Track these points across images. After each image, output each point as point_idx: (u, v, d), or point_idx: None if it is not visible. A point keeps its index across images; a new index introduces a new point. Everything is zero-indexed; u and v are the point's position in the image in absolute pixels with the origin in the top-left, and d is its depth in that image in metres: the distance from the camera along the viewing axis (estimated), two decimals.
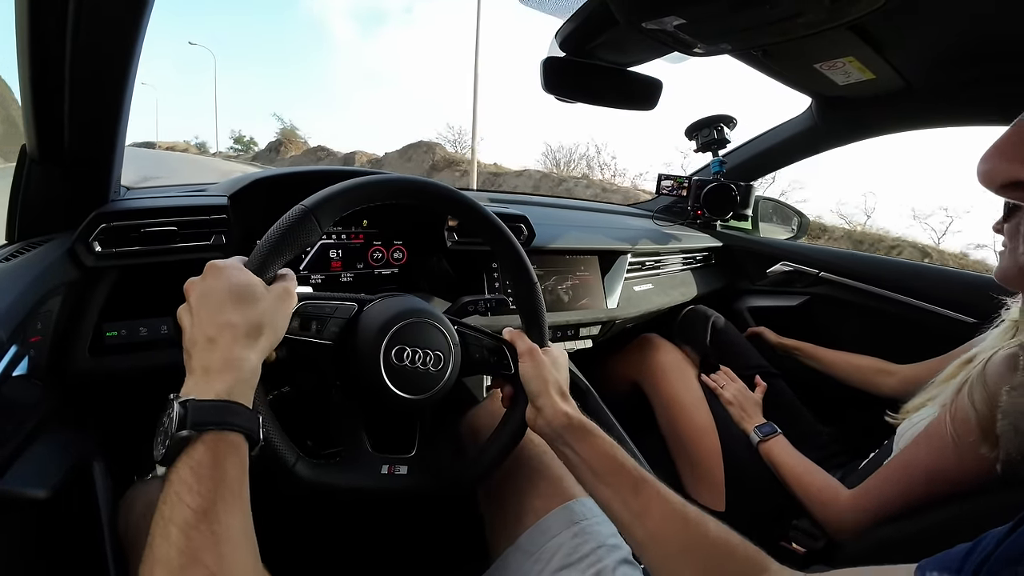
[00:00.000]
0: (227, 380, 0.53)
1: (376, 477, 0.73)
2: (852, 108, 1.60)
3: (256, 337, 0.57)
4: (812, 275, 1.82)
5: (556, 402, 0.75)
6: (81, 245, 0.80)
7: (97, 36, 0.67)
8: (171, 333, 0.88)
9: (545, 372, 0.78)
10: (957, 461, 0.81)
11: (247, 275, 0.60)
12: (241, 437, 0.53)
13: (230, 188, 0.97)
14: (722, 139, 1.94)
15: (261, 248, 0.62)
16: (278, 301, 0.61)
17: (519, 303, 0.85)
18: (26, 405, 0.72)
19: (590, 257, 1.49)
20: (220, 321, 0.56)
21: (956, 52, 1.17)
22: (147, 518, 0.71)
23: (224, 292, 0.57)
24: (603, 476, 0.69)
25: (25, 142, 0.80)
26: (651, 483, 0.66)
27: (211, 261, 0.60)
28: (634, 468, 0.68)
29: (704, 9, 0.93)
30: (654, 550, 0.64)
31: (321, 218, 0.65)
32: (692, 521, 0.63)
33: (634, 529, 0.65)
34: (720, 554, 0.61)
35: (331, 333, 0.71)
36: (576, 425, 0.73)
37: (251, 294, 0.58)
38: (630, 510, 0.66)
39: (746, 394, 1.41)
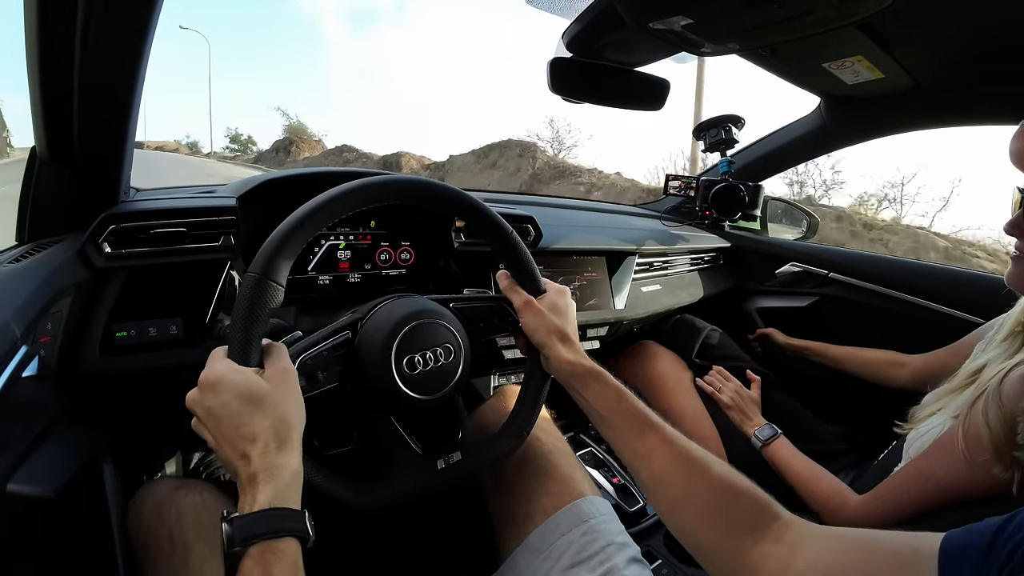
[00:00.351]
0: (268, 490, 0.54)
1: (437, 474, 0.75)
2: (861, 107, 1.59)
3: (285, 435, 0.57)
4: (821, 276, 1.81)
5: (560, 351, 0.76)
6: (91, 246, 0.81)
7: (106, 37, 0.67)
8: (180, 333, 0.88)
9: (545, 322, 0.78)
10: (969, 477, 0.80)
11: (243, 375, 0.58)
12: (289, 540, 0.53)
13: (239, 189, 0.98)
14: (730, 139, 1.93)
15: (235, 336, 0.61)
16: (282, 384, 0.60)
17: (504, 260, 0.84)
18: (36, 405, 0.72)
19: (597, 258, 1.49)
20: (244, 435, 0.56)
21: (965, 51, 1.16)
22: (156, 518, 0.71)
23: (233, 405, 0.57)
24: (608, 420, 0.71)
25: (35, 144, 0.81)
26: (657, 427, 0.68)
27: (202, 374, 0.59)
28: (639, 413, 0.69)
29: (712, 9, 0.93)
30: (658, 492, 0.66)
31: (276, 275, 0.62)
32: (696, 464, 0.64)
33: (640, 471, 0.68)
34: (725, 498, 0.62)
35: (337, 372, 0.71)
36: (580, 372, 0.74)
37: (257, 394, 0.57)
38: (635, 453, 0.68)
39: (743, 393, 1.41)
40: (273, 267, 0.62)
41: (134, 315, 0.86)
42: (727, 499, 0.62)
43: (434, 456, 0.75)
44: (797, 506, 1.11)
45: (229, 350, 0.61)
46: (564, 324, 0.79)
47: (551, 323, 0.78)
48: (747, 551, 0.59)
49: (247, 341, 0.60)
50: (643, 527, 1.13)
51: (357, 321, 0.74)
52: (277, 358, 0.62)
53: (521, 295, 0.81)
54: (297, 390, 0.62)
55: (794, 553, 0.57)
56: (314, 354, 0.68)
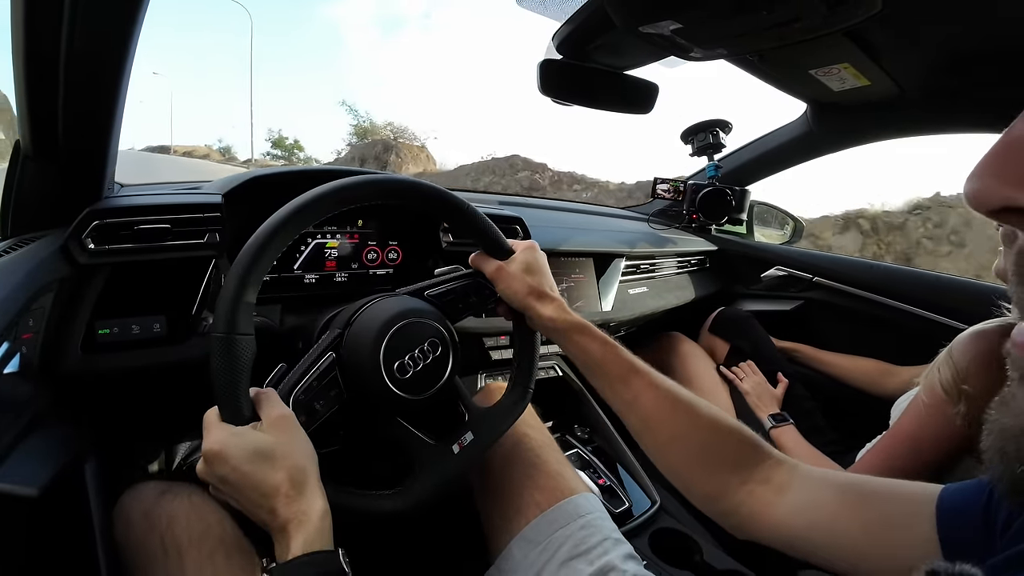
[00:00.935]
0: (300, 537, 0.55)
1: (456, 458, 0.76)
2: (847, 114, 1.61)
3: (303, 480, 0.58)
4: (806, 280, 1.83)
5: (537, 309, 0.78)
6: (74, 242, 0.80)
7: (92, 31, 0.67)
8: (163, 331, 0.87)
9: (519, 284, 0.79)
10: (931, 423, 0.93)
11: (244, 437, 0.58)
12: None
13: (224, 186, 0.97)
14: (718, 143, 1.95)
15: (222, 398, 0.60)
16: (284, 433, 0.60)
17: (468, 235, 0.84)
18: (18, 403, 0.71)
19: (585, 259, 1.49)
20: (264, 492, 0.57)
21: (951, 59, 1.17)
22: (145, 525, 0.71)
23: (244, 468, 0.57)
24: (595, 369, 0.74)
25: (19, 138, 0.80)
26: (642, 373, 0.70)
27: (204, 446, 0.59)
28: (624, 361, 0.71)
29: (701, 14, 0.94)
30: (647, 436, 0.69)
31: (242, 327, 0.61)
32: (682, 406, 0.66)
33: (628, 416, 0.70)
34: (711, 437, 0.64)
35: (333, 397, 0.71)
36: (563, 327, 0.76)
37: (263, 450, 0.58)
38: (621, 399, 0.71)
39: (765, 387, 1.45)
40: (236, 321, 0.60)
41: (117, 312, 0.85)
42: (714, 438, 0.64)
43: (448, 442, 0.76)
44: None
45: (221, 412, 0.61)
46: (540, 281, 0.80)
47: (525, 284, 0.79)
48: (734, 490, 0.61)
49: (235, 399, 0.60)
50: (628, 528, 1.14)
51: (337, 338, 0.74)
52: (270, 406, 0.62)
53: (491, 263, 0.82)
54: (300, 432, 0.62)
55: (780, 494, 0.58)
56: (305, 387, 0.68)
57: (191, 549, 0.68)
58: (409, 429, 0.75)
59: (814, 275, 1.81)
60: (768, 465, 0.61)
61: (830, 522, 0.54)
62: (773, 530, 0.58)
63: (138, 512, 0.72)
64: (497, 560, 0.80)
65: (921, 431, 0.94)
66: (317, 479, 0.60)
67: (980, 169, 0.32)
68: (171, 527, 0.70)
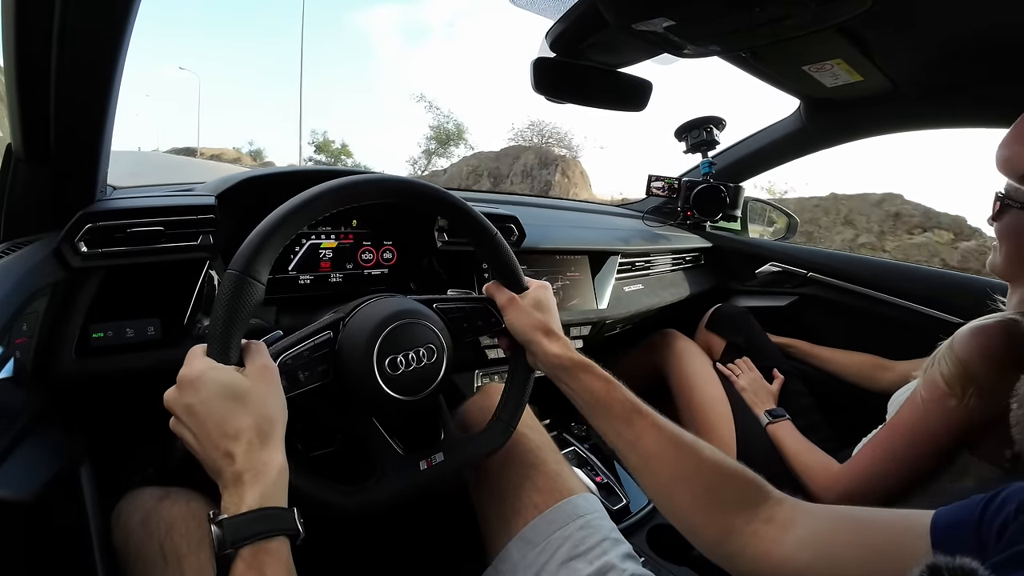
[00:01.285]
0: (256, 490, 0.53)
1: (419, 474, 0.74)
2: (840, 110, 1.62)
3: (269, 433, 0.57)
4: (801, 276, 1.83)
5: (545, 345, 0.77)
6: (67, 245, 0.79)
7: (83, 30, 0.66)
8: (157, 334, 0.87)
9: (528, 319, 0.80)
10: (930, 419, 0.92)
11: (223, 372, 0.57)
12: (281, 540, 0.53)
13: (218, 187, 0.96)
14: (711, 140, 1.95)
15: (215, 334, 0.60)
16: (264, 383, 0.59)
17: (487, 260, 0.84)
18: (11, 408, 0.71)
19: (580, 257, 1.49)
20: (227, 432, 0.55)
21: (942, 55, 1.18)
22: (143, 532, 0.70)
23: (214, 403, 0.56)
24: (596, 409, 0.72)
25: (11, 141, 0.80)
26: (645, 414, 0.69)
27: (181, 372, 0.58)
28: (627, 401, 0.70)
29: (694, 11, 0.94)
30: (649, 477, 0.68)
31: (257, 273, 0.61)
32: (685, 448, 0.65)
33: (629, 457, 0.69)
34: (714, 480, 0.63)
35: (319, 373, 0.70)
36: (567, 364, 0.75)
37: (239, 391, 0.57)
38: (623, 439, 0.69)
39: (761, 383, 1.46)
40: (254, 264, 0.61)
41: (111, 316, 0.85)
42: (717, 480, 0.63)
43: (417, 457, 0.75)
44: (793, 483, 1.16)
45: (208, 348, 0.60)
46: (548, 319, 0.80)
47: (535, 319, 0.79)
48: (738, 530, 0.60)
49: (227, 339, 0.59)
50: (626, 525, 1.14)
51: (339, 320, 0.73)
52: (257, 355, 0.61)
53: (504, 293, 0.82)
54: (279, 388, 0.61)
55: (785, 531, 0.58)
56: (295, 354, 0.67)
57: (190, 556, 0.68)
58: (381, 433, 0.75)
59: (809, 271, 1.81)
60: (771, 504, 0.61)
61: (831, 554, 0.54)
62: (778, 568, 0.58)
63: (136, 519, 0.72)
64: (495, 561, 0.79)
65: (919, 425, 0.93)
66: (282, 438, 0.59)
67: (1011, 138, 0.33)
68: (170, 534, 0.69)
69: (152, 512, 0.72)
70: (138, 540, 0.70)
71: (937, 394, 0.91)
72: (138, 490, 0.76)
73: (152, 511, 0.72)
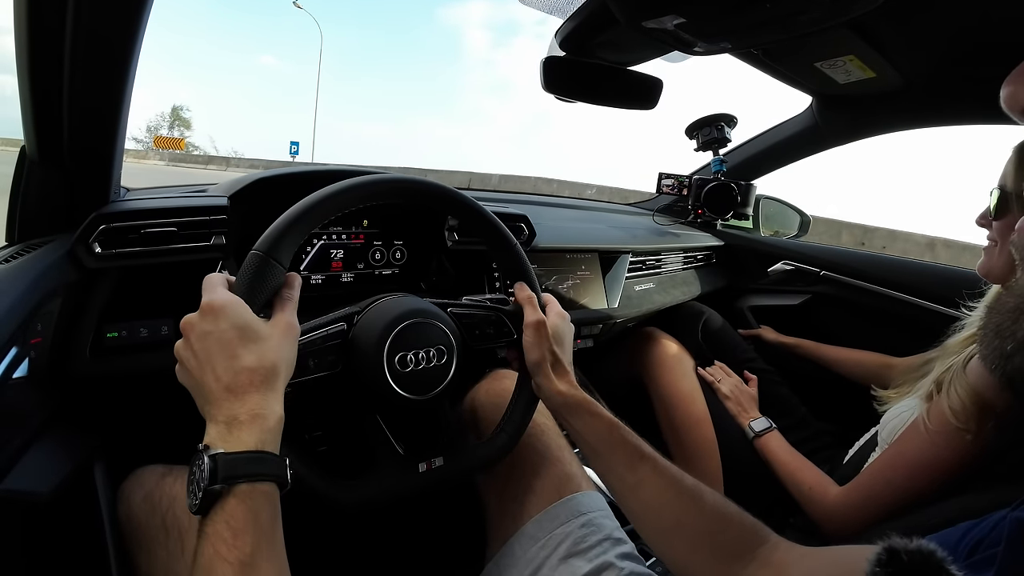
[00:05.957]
0: (255, 432, 0.53)
1: (418, 476, 0.74)
2: (853, 107, 1.60)
3: (274, 381, 0.56)
4: (813, 274, 1.82)
5: (552, 381, 0.76)
6: (81, 246, 0.80)
7: (96, 36, 0.67)
8: (171, 334, 0.88)
9: (543, 347, 0.77)
10: (934, 452, 0.87)
11: (248, 312, 0.58)
12: (273, 485, 0.53)
13: (230, 189, 0.97)
14: (723, 138, 1.93)
15: (243, 282, 0.61)
16: (283, 337, 0.59)
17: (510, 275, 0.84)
18: (27, 407, 0.72)
19: (590, 256, 1.49)
20: (235, 367, 0.55)
21: (955, 50, 1.16)
22: (147, 508, 0.71)
23: (230, 335, 0.56)
24: (598, 451, 0.71)
25: (25, 143, 0.80)
26: (648, 458, 0.68)
27: (205, 299, 0.58)
28: (630, 444, 0.69)
29: (704, 8, 0.93)
30: (648, 522, 0.67)
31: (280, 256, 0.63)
32: (686, 494, 0.64)
33: (628, 501, 0.68)
34: (714, 526, 0.62)
35: (328, 363, 0.70)
36: (572, 404, 0.74)
37: (258, 333, 0.57)
38: (624, 484, 0.68)
39: (742, 388, 1.45)
40: (278, 247, 0.62)
41: (125, 316, 0.85)
42: (717, 527, 0.62)
43: (416, 459, 0.75)
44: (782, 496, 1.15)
45: (235, 286, 0.61)
46: (561, 352, 0.79)
47: (548, 349, 0.78)
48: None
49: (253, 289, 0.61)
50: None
51: (354, 314, 0.74)
52: (288, 311, 0.62)
53: (536, 313, 0.80)
54: (295, 346, 0.61)
55: (782, 574, 0.57)
56: (306, 341, 0.67)
57: (192, 529, 0.68)
58: (384, 430, 0.75)
59: (822, 269, 1.80)
60: (768, 548, 0.60)
61: None
62: None
63: (139, 495, 0.73)
64: (496, 556, 0.80)
65: (924, 458, 0.88)
66: (283, 391, 0.58)
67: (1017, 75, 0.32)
68: (172, 507, 0.70)
69: (155, 488, 0.73)
70: (141, 515, 0.71)
71: (944, 428, 0.85)
72: (141, 468, 0.77)
73: (155, 487, 0.73)
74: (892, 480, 0.92)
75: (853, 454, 1.15)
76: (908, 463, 0.90)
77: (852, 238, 7.57)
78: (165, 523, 0.69)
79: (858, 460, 1.09)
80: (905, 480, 0.89)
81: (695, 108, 8.71)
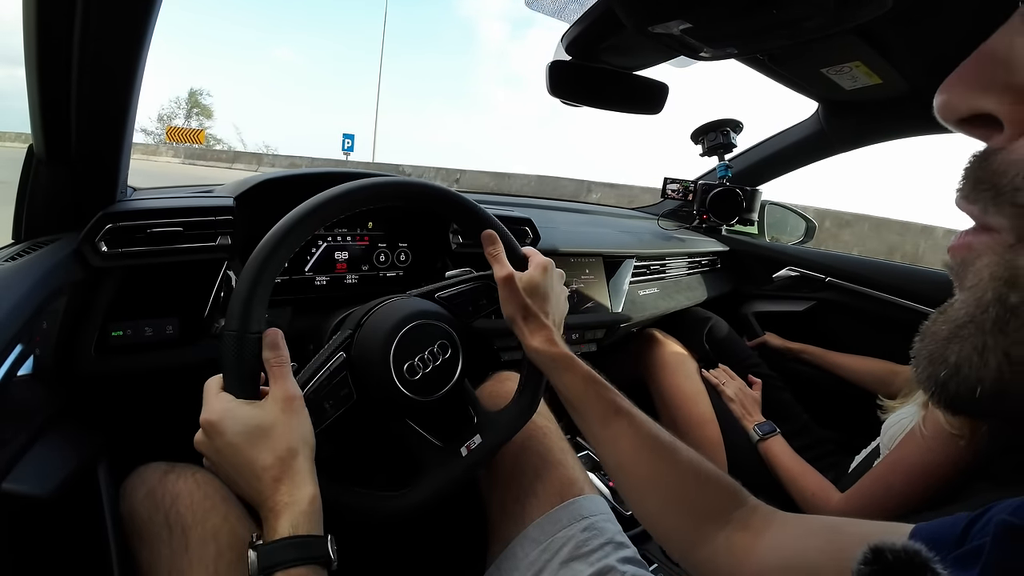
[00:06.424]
0: (287, 519, 0.55)
1: (463, 460, 0.76)
2: (859, 113, 1.60)
3: (295, 463, 0.58)
4: (819, 280, 1.81)
5: (525, 336, 0.76)
6: (87, 245, 0.80)
7: (105, 34, 0.67)
8: (176, 333, 0.88)
9: (514, 302, 0.77)
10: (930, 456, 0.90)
11: (242, 410, 0.59)
12: (312, 568, 0.54)
13: (236, 189, 0.97)
14: (728, 143, 1.94)
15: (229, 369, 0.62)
16: (288, 413, 0.60)
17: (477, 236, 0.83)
18: (31, 405, 0.72)
19: (595, 260, 1.49)
20: (255, 471, 0.57)
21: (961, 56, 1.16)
22: (150, 505, 0.72)
23: (237, 441, 0.58)
24: (575, 406, 0.72)
25: (32, 142, 0.81)
26: (624, 414, 0.68)
27: (202, 415, 0.60)
28: (605, 399, 0.69)
29: (710, 13, 0.93)
30: (622, 477, 0.67)
31: (254, 325, 0.62)
32: (661, 451, 0.65)
33: (604, 455, 0.69)
34: (688, 484, 0.62)
35: (343, 398, 0.71)
36: (546, 360, 0.74)
37: (262, 428, 0.58)
38: (599, 438, 0.69)
39: (746, 391, 1.45)
40: (247, 318, 0.62)
41: (130, 315, 0.86)
42: (692, 486, 0.62)
43: (456, 445, 0.76)
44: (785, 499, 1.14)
45: (224, 382, 0.62)
46: (536, 304, 0.78)
47: (522, 304, 0.77)
48: (711, 537, 0.59)
49: (240, 373, 0.61)
50: (639, 530, 1.13)
51: (348, 339, 0.74)
52: (284, 382, 0.62)
53: (503, 267, 0.79)
54: (304, 417, 0.62)
55: (758, 539, 0.57)
56: (315, 386, 0.68)
57: (195, 526, 0.69)
58: (417, 431, 0.76)
59: (827, 275, 1.80)
60: (746, 511, 0.60)
61: (805, 564, 0.53)
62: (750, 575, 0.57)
63: (142, 492, 0.73)
64: (498, 559, 0.80)
65: (921, 463, 0.91)
66: (310, 465, 0.60)
67: (949, 82, 0.32)
68: (175, 505, 0.70)
69: (157, 485, 0.73)
70: (144, 512, 0.71)
71: (942, 434, 0.89)
72: (144, 466, 0.77)
73: (158, 484, 0.73)
74: (892, 485, 0.94)
75: (859, 462, 1.16)
76: (906, 469, 0.93)
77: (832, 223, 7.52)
78: (168, 520, 0.70)
79: (863, 468, 1.10)
80: (904, 485, 0.92)
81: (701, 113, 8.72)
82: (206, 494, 0.72)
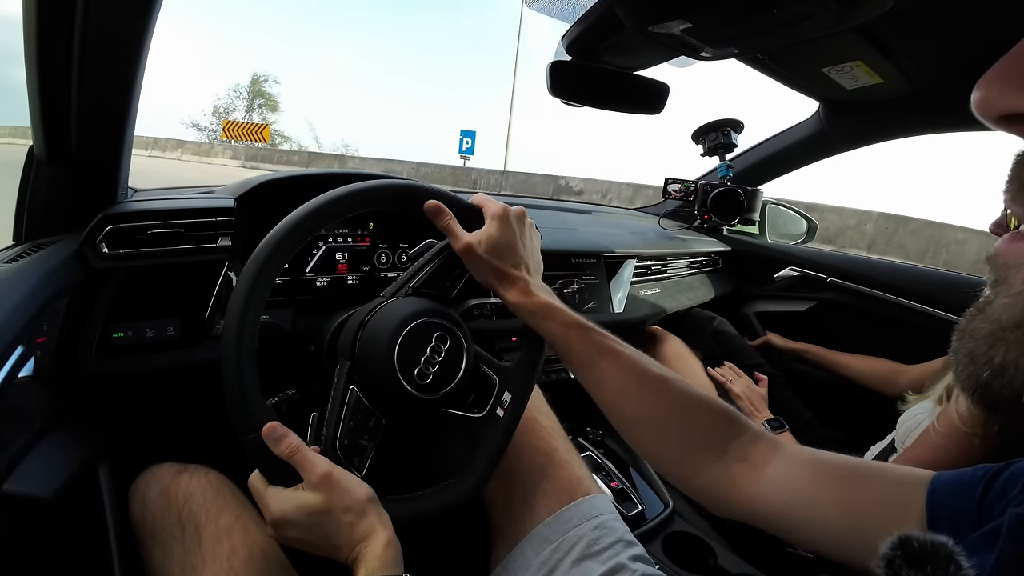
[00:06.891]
0: (362, 571, 0.57)
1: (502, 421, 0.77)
2: (860, 112, 1.60)
3: (357, 523, 0.59)
4: (820, 280, 1.81)
5: (504, 293, 0.76)
6: (88, 247, 0.80)
7: (105, 36, 0.67)
8: (177, 334, 0.88)
9: (481, 266, 0.76)
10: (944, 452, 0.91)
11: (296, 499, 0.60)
12: None
13: (237, 191, 0.97)
14: (729, 143, 1.93)
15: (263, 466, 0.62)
16: (333, 491, 0.60)
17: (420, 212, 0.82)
18: (33, 406, 0.72)
19: (595, 261, 1.48)
20: (331, 544, 0.59)
21: (963, 56, 1.16)
22: (162, 503, 0.72)
23: (308, 525, 0.59)
24: (562, 352, 0.72)
25: (33, 143, 0.81)
26: (607, 353, 0.68)
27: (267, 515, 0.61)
28: (588, 342, 0.70)
29: (711, 13, 0.93)
30: (613, 413, 0.68)
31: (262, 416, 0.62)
32: (650, 385, 0.65)
33: (596, 396, 0.70)
34: (681, 416, 0.63)
35: (373, 428, 0.71)
36: (527, 312, 0.74)
37: (318, 509, 0.59)
38: (588, 381, 0.70)
39: (753, 388, 1.45)
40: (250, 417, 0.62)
41: (131, 316, 0.86)
42: (684, 414, 0.63)
43: (492, 409, 0.77)
44: None
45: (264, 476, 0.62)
46: (507, 260, 0.76)
47: (490, 266, 0.75)
48: (708, 466, 0.60)
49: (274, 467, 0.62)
50: (641, 532, 1.13)
51: (351, 369, 0.73)
52: (310, 467, 0.61)
53: (458, 238, 0.77)
54: (347, 481, 0.61)
55: (758, 471, 0.57)
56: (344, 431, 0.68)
57: (208, 524, 0.69)
58: (455, 414, 0.76)
59: (829, 275, 1.79)
60: (745, 440, 0.60)
61: (810, 502, 0.53)
62: (749, 507, 0.57)
63: (155, 490, 0.73)
64: (506, 559, 0.80)
65: (935, 463, 0.90)
66: (376, 513, 0.61)
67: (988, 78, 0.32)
68: (188, 503, 0.71)
69: (171, 484, 0.74)
70: (156, 510, 0.72)
71: (953, 431, 0.89)
72: (156, 465, 0.78)
73: (171, 483, 0.74)
74: None
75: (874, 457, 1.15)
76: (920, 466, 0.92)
77: None
78: (181, 518, 0.70)
79: None
80: None
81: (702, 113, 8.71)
82: (219, 492, 0.73)
